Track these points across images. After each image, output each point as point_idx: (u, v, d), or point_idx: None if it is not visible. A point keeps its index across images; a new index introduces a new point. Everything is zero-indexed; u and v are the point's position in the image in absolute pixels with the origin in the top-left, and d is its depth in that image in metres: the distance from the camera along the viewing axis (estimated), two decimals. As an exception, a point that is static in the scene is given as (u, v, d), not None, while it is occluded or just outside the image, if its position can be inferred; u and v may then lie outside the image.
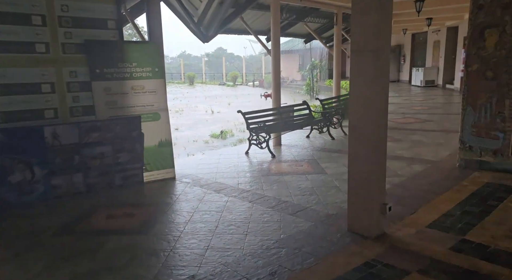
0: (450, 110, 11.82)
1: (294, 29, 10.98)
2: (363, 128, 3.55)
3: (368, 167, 3.52)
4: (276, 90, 7.64)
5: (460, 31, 17.32)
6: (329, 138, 8.10)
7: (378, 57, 3.34)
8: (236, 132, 11.42)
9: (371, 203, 3.55)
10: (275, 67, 7.53)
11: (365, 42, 3.36)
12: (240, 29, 9.59)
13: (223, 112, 16.59)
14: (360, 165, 3.60)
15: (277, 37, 7.42)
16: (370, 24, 3.30)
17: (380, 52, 3.34)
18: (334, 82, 9.71)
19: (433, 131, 8.43)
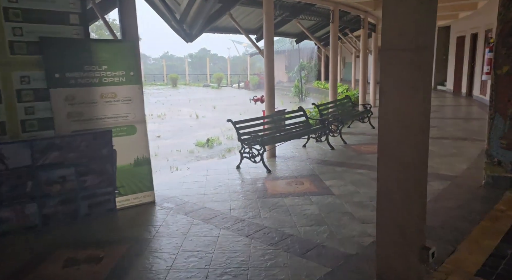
0: (449, 114, 11.21)
1: (286, 28, 10.17)
2: (397, 150, 2.74)
3: (403, 199, 2.72)
4: (270, 95, 6.80)
5: (453, 31, 16.85)
6: (328, 148, 7.31)
7: (419, 59, 2.53)
8: (224, 140, 10.54)
9: (407, 245, 2.75)
10: (269, 69, 6.70)
11: (401, 38, 2.55)
12: (228, 27, 8.73)
13: (208, 117, 15.66)
14: (393, 195, 2.78)
15: (271, 35, 6.59)
16: (409, 13, 2.49)
17: (421, 52, 2.53)
18: (331, 85, 8.94)
19: (439, 139, 7.73)
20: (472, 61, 14.67)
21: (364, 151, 7.04)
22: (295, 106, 19.19)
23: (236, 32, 8.91)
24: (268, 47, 6.62)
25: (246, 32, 7.61)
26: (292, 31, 11.00)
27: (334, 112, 8.38)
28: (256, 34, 9.23)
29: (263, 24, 6.61)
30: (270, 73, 6.71)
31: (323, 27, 10.51)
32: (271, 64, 6.70)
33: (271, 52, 6.66)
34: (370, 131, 8.82)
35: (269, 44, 6.61)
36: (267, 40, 6.59)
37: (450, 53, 17.10)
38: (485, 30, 12.94)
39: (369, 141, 7.84)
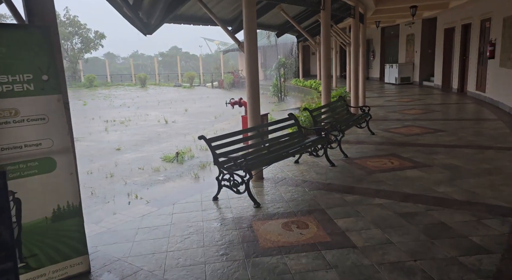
0: (451, 113, 10.01)
1: (266, 18, 8.64)
2: None
3: None
4: (253, 99, 5.25)
5: (439, 23, 15.80)
6: (326, 165, 5.85)
7: None
8: (197, 152, 8.90)
9: None
10: (251, 66, 5.15)
11: None
12: (197, 17, 7.12)
13: (179, 122, 13.92)
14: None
15: (252, 24, 5.04)
16: None
17: None
18: (323, 85, 7.47)
19: (458, 147, 6.42)
20: (464, 54, 13.61)
21: (372, 167, 5.61)
22: (275, 107, 17.71)
23: (207, 23, 7.31)
24: (249, 39, 5.07)
25: (220, 23, 6.03)
26: (273, 23, 9.49)
27: (329, 118, 6.93)
28: (231, 26, 7.66)
29: (243, 11, 5.05)
30: (253, 71, 5.17)
31: (310, 16, 9.05)
32: (253, 60, 5.15)
33: (253, 46, 5.10)
34: (370, 139, 7.43)
35: (251, 35, 5.06)
36: (248, 30, 5.04)
37: (437, 46, 16.06)
38: (480, 20, 11.86)
39: (373, 152, 6.44)
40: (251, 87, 5.22)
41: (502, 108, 9.67)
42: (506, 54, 9.62)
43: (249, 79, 5.21)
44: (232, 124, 12.41)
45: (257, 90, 5.27)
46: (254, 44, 5.13)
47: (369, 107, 8.00)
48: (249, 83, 5.24)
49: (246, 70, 5.24)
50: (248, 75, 5.21)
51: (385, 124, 8.76)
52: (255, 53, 5.15)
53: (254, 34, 5.13)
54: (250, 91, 5.26)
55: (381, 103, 12.62)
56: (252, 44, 5.09)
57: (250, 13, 5.02)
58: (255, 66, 5.19)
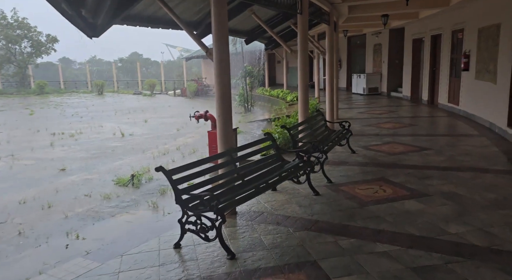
0: (430, 128, 9.52)
1: (234, 23, 7.75)
2: None
3: None
4: (225, 117, 4.30)
5: (407, 33, 15.61)
6: (308, 192, 5.00)
7: None
8: (155, 174, 7.78)
9: None
10: (222, 77, 4.22)
11: None
12: (156, 18, 6.09)
13: (137, 135, 12.64)
14: None
15: (223, 27, 4.12)
16: None
17: None
18: (301, 98, 6.61)
19: (451, 170, 5.77)
20: (434, 65, 13.39)
21: (363, 196, 4.81)
22: (242, 119, 16.69)
23: (168, 25, 6.29)
24: (220, 45, 4.13)
25: (184, 25, 5.05)
26: (241, 28, 8.61)
27: (308, 136, 6.10)
28: (197, 29, 6.69)
29: (212, 12, 4.12)
30: (224, 83, 4.23)
31: (282, 22, 8.26)
32: (224, 70, 4.22)
33: (224, 53, 4.17)
34: (352, 159, 6.68)
35: (221, 40, 4.13)
36: (218, 35, 4.11)
37: (405, 57, 15.86)
38: (451, 30, 11.62)
39: (359, 176, 5.66)
40: (222, 102, 4.27)
41: (481, 123, 9.31)
42: (482, 66, 9.29)
43: (220, 93, 4.26)
44: (197, 139, 11.36)
45: (228, 105, 4.33)
46: (225, 52, 4.20)
47: (349, 122, 7.27)
48: (219, 97, 4.29)
49: (216, 82, 4.30)
50: (219, 88, 4.26)
51: (364, 141, 8.08)
52: (227, 61, 4.22)
53: (225, 40, 4.20)
54: (221, 107, 4.31)
55: (354, 115, 12.05)
56: (223, 52, 4.16)
57: (220, 15, 4.10)
58: (226, 78, 4.25)
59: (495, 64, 8.43)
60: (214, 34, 4.15)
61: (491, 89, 8.70)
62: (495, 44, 8.44)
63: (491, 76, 8.68)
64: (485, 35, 9.14)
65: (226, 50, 4.20)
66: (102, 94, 31.02)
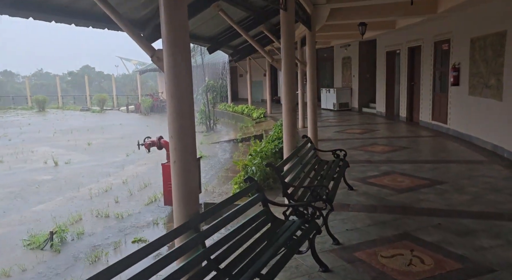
0: (427, 152, 8.23)
1: (193, 26, 6.06)
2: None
3: None
4: (185, 158, 2.54)
5: (380, 45, 14.64)
6: (312, 265, 3.34)
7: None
8: (90, 223, 5.77)
9: None
10: (177, 90, 2.47)
11: None
12: (85, 12, 4.23)
13: (75, 163, 10.39)
14: None
15: (180, 23, 2.41)
16: None
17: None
18: (286, 122, 4.89)
19: (495, 218, 4.35)
20: (411, 80, 12.37)
21: (394, 272, 3.21)
22: (205, 139, 14.57)
23: (102, 23, 4.45)
24: (174, 46, 2.41)
25: (125, 23, 3.24)
26: (203, 33, 6.92)
27: (299, 174, 4.45)
28: (143, 30, 4.91)
29: (161, 8, 2.41)
30: (182, 100, 2.49)
31: (253, 26, 6.66)
32: (184, 82, 2.49)
33: (183, 59, 2.45)
34: (353, 200, 5.14)
35: (177, 42, 2.41)
36: (171, 34, 2.39)
37: (378, 70, 14.86)
38: (433, 42, 10.61)
39: (374, 231, 4.09)
40: (177, 121, 2.52)
41: (480, 145, 8.15)
42: (479, 81, 8.20)
43: (174, 113, 2.51)
44: (151, 167, 9.38)
45: (191, 127, 2.57)
46: (185, 58, 2.48)
47: (344, 151, 5.73)
48: (173, 117, 2.53)
49: (168, 96, 2.53)
50: (171, 101, 2.51)
51: (358, 171, 6.59)
52: (190, 71, 2.49)
53: (186, 42, 2.48)
54: (175, 127, 2.54)
55: (331, 135, 10.64)
56: (180, 57, 2.43)
57: (173, 8, 2.39)
58: (184, 87, 2.51)
59: (499, 78, 7.31)
60: (165, 34, 2.43)
61: (494, 107, 7.56)
62: (498, 55, 7.34)
63: (493, 92, 7.56)
64: (481, 45, 8.07)
65: (186, 56, 2.48)
66: (44, 111, 27.87)
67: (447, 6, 8.23)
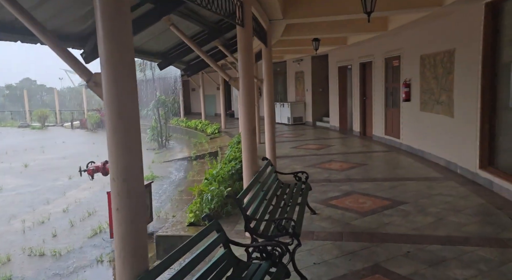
0: (383, 168, 8.22)
1: (141, 41, 5.57)
2: None
3: None
4: (127, 192, 2.08)
5: (332, 60, 14.85)
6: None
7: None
8: (18, 267, 4.99)
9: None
10: (120, 122, 2.02)
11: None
12: (11, 25, 3.63)
13: (7, 190, 9.27)
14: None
15: (127, 43, 1.98)
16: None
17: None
18: (246, 145, 4.51)
19: (461, 243, 4.23)
20: (364, 95, 12.58)
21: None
22: (156, 157, 13.73)
23: (31, 37, 3.86)
24: (112, 69, 1.96)
25: (52, 39, 2.72)
26: (153, 49, 6.43)
27: (261, 202, 4.08)
28: (82, 46, 4.36)
29: (97, 17, 1.96)
30: (128, 130, 2.05)
31: (207, 41, 6.28)
32: (125, 112, 2.04)
33: (123, 87, 2.01)
34: (317, 226, 4.87)
35: (117, 64, 1.97)
36: (112, 54, 1.95)
37: (331, 85, 15.05)
38: (384, 58, 10.85)
39: (343, 264, 3.81)
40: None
41: (433, 160, 8.29)
42: (430, 97, 8.38)
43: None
44: (96, 191, 8.58)
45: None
46: (129, 83, 2.04)
47: (306, 174, 5.46)
48: (116, 175, 2.06)
49: (108, 115, 2.07)
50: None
51: (318, 191, 6.36)
52: (132, 98, 2.05)
53: (127, 61, 2.04)
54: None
55: (288, 152, 10.45)
56: (123, 82, 1.99)
57: (116, 20, 1.96)
58: (133, 130, 2.07)
59: (450, 95, 7.48)
60: (104, 54, 1.97)
61: (445, 123, 7.72)
62: (448, 72, 7.53)
63: (445, 108, 7.72)
64: (431, 62, 8.28)
65: (131, 77, 2.04)
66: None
67: (397, 24, 8.40)
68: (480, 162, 6.41)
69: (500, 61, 6.11)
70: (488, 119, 6.30)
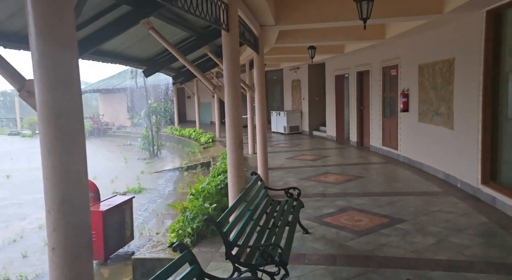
0: (379, 181, 7.86)
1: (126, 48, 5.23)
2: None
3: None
4: (65, 235, 1.71)
5: (329, 69, 14.57)
6: None
7: None
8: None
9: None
10: (56, 142, 1.66)
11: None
12: None
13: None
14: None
15: (68, 39, 1.63)
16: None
17: None
18: (232, 160, 4.14)
19: (465, 269, 3.85)
20: (361, 104, 12.27)
21: None
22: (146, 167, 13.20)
23: None
24: (46, 68, 1.61)
25: None
26: (137, 55, 6.08)
27: (247, 225, 3.70)
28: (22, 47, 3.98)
29: (27, 7, 1.61)
30: (71, 150, 1.68)
31: (195, 48, 5.95)
32: (65, 128, 1.68)
33: (60, 96, 1.65)
34: (309, 248, 4.49)
35: (54, 57, 1.62)
36: (48, 53, 1.60)
37: (328, 94, 14.75)
38: (381, 67, 10.56)
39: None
40: (60, 219, 1.69)
41: (432, 173, 7.94)
42: (428, 108, 8.06)
43: (53, 193, 1.68)
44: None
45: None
46: (72, 87, 1.68)
47: (298, 190, 5.09)
48: (51, 206, 1.69)
49: (45, 163, 1.70)
50: (51, 176, 1.68)
51: (312, 206, 5.99)
52: (76, 110, 1.69)
53: (69, 63, 1.68)
54: (56, 227, 1.71)
55: (282, 162, 10.09)
56: (61, 90, 1.63)
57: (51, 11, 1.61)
58: (78, 150, 1.71)
59: (449, 106, 7.16)
60: (38, 42, 1.62)
61: (445, 135, 7.38)
62: (447, 82, 7.22)
63: (444, 120, 7.40)
64: (430, 72, 7.98)
65: (73, 83, 1.68)
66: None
67: (395, 32, 8.12)
68: (482, 177, 6.06)
69: (503, 70, 5.81)
70: (490, 131, 5.98)
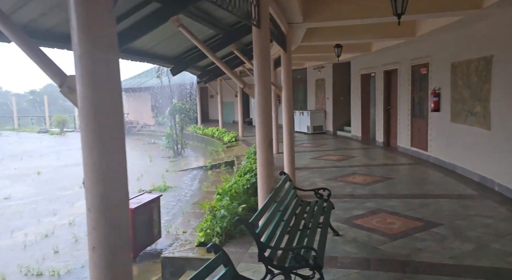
0: (410, 183, 7.59)
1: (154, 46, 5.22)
2: None
3: None
4: (108, 233, 1.65)
5: (354, 68, 14.29)
6: None
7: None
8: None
9: None
10: (96, 142, 1.59)
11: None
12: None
13: (16, 199, 8.98)
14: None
15: (110, 38, 1.56)
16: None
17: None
18: (262, 159, 4.04)
19: None
20: (388, 104, 11.96)
21: None
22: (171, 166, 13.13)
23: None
24: (90, 73, 1.55)
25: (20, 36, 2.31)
26: (164, 53, 6.07)
27: (279, 226, 3.60)
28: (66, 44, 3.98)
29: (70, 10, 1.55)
30: (109, 150, 1.61)
31: (222, 46, 5.89)
32: (106, 123, 1.62)
33: (104, 93, 1.59)
34: (341, 250, 4.34)
35: (97, 63, 1.56)
36: (92, 51, 1.53)
37: (354, 94, 14.47)
38: (411, 65, 10.25)
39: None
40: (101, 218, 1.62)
41: (466, 175, 7.62)
42: (462, 107, 7.74)
43: (94, 192, 1.62)
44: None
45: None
46: (113, 83, 1.61)
47: (329, 191, 4.95)
48: (91, 205, 1.63)
49: (86, 160, 1.64)
50: (92, 180, 1.62)
51: (340, 208, 5.82)
52: (117, 106, 1.63)
53: (111, 61, 1.61)
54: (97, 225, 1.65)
55: (308, 163, 9.93)
56: (104, 88, 1.57)
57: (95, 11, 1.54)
58: (116, 148, 1.65)
59: (486, 105, 6.84)
60: (81, 42, 1.56)
61: (481, 136, 7.06)
62: (484, 81, 6.90)
63: (480, 120, 7.08)
64: (464, 71, 7.66)
65: (112, 79, 1.62)
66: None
67: (427, 29, 7.82)
68: (524, 180, 5.76)
69: (546, 68, 5.50)
70: (532, 132, 5.67)
